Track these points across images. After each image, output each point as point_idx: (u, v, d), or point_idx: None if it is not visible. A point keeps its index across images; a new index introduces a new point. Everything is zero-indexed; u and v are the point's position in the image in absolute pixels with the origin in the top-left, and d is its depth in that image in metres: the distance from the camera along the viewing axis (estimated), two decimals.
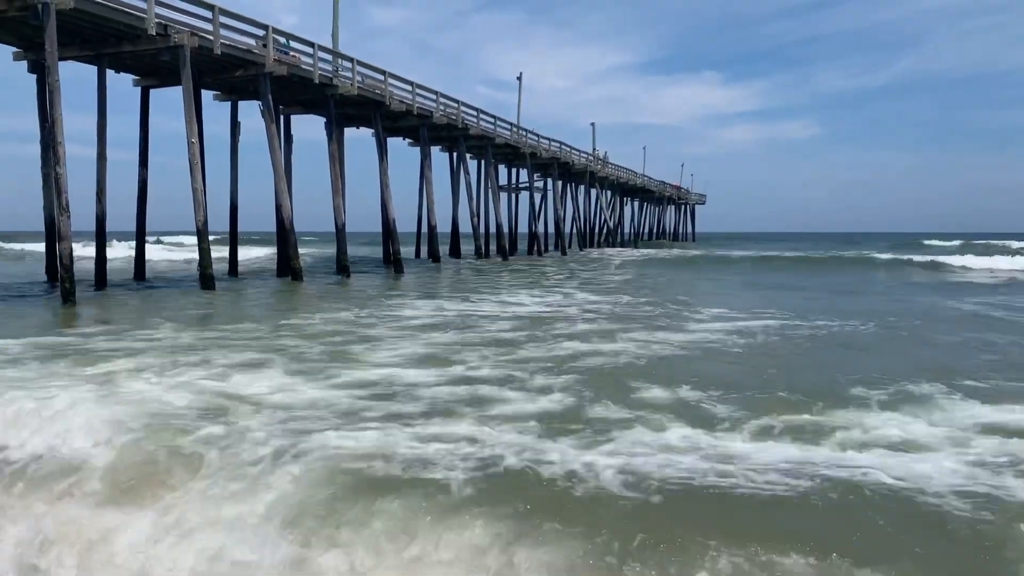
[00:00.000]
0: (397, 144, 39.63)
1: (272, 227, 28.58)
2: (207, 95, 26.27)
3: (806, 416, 7.02)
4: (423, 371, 9.11)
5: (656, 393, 7.95)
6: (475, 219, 39.77)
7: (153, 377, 8.53)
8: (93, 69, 21.15)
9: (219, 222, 26.28)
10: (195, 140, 21.14)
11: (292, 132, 29.92)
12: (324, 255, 43.54)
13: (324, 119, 28.80)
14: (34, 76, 21.24)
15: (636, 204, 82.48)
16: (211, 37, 20.70)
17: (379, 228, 35.27)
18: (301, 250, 26.83)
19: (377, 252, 43.19)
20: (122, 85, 24.20)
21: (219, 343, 11.11)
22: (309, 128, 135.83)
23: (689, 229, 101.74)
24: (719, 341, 11.88)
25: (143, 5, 18.94)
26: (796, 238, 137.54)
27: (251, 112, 28.53)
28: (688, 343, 11.61)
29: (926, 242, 75.79)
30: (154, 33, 19.08)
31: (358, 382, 8.42)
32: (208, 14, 20.61)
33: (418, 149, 37.02)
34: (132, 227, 24.77)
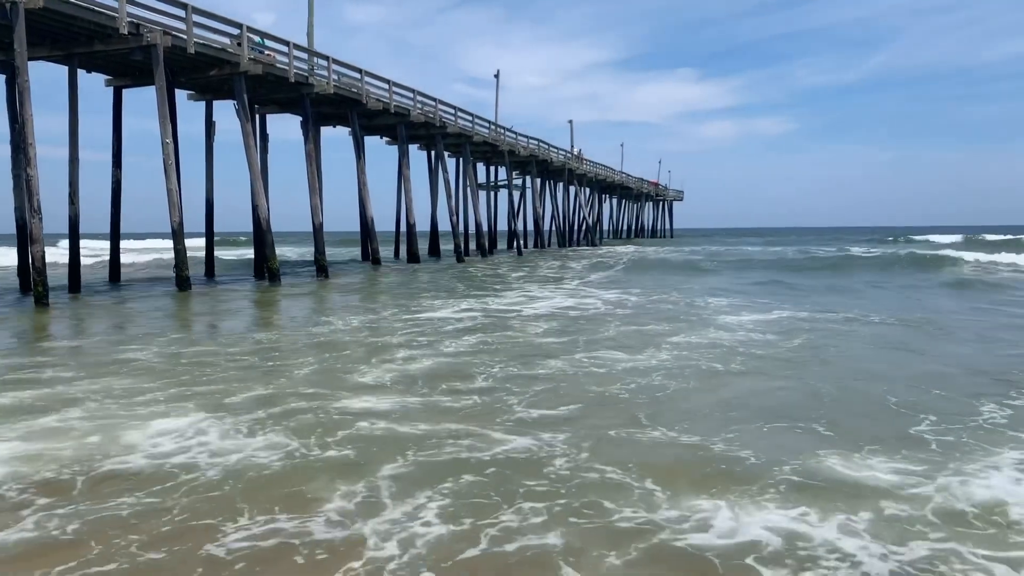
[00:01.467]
0: (374, 143, 39.50)
1: (248, 227, 28.40)
2: (181, 95, 26.03)
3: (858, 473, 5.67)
4: (383, 400, 8.00)
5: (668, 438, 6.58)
6: (454, 217, 39.69)
7: (54, 418, 7.31)
8: (64, 69, 20.87)
9: (194, 223, 26.06)
10: (169, 140, 20.93)
11: (268, 131, 29.77)
12: (303, 255, 43.28)
13: (300, 118, 28.63)
14: (3, 76, 20.91)
15: (614, 201, 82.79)
16: (184, 36, 20.49)
17: (356, 227, 35.17)
18: (278, 250, 26.65)
19: (353, 251, 43.04)
20: (94, 85, 23.92)
21: (186, 365, 10.12)
22: (286, 127, 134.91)
23: (667, 226, 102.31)
24: (753, 343, 11.62)
25: (114, 4, 18.70)
26: (775, 233, 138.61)
27: (226, 111, 28.40)
28: (720, 347, 11.28)
29: (932, 238, 75.80)
30: (126, 32, 18.86)
31: (296, 428, 6.90)
32: (181, 13, 20.39)
33: (396, 148, 36.92)
34: (106, 228, 24.52)
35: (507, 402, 7.99)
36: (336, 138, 62.36)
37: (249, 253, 35.71)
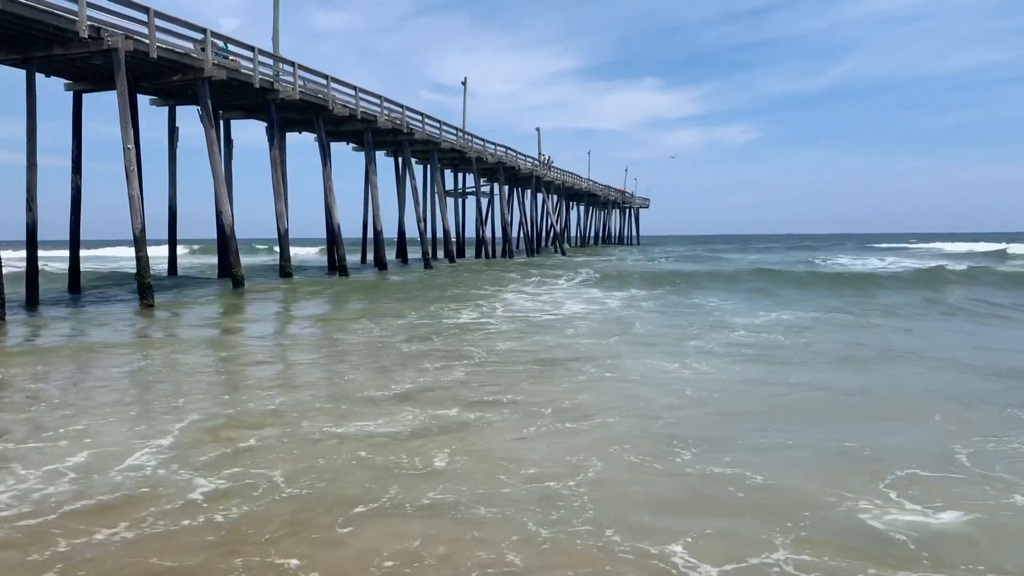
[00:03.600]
0: (341, 149, 39.20)
1: (212, 234, 27.99)
2: (143, 100, 25.63)
3: None
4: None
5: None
6: (422, 224, 39.51)
7: None
8: (22, 73, 20.39)
9: (157, 230, 25.62)
10: (131, 146, 20.52)
11: (232, 137, 29.42)
12: (267, 261, 42.79)
13: (265, 124, 28.32)
14: None
15: (581, 208, 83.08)
16: (147, 40, 20.15)
17: (322, 234, 34.85)
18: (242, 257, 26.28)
19: (320, 259, 42.58)
20: (54, 89, 23.43)
21: (142, 384, 9.68)
22: (251, 133, 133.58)
23: (633, 232, 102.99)
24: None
25: (74, 7, 18.32)
26: (742, 240, 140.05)
27: (190, 117, 28.01)
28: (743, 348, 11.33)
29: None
30: (86, 36, 18.48)
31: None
32: (143, 16, 20.05)
33: (363, 154, 36.68)
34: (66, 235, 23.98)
35: (522, 431, 7.19)
36: (302, 144, 61.97)
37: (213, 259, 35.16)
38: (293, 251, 29.36)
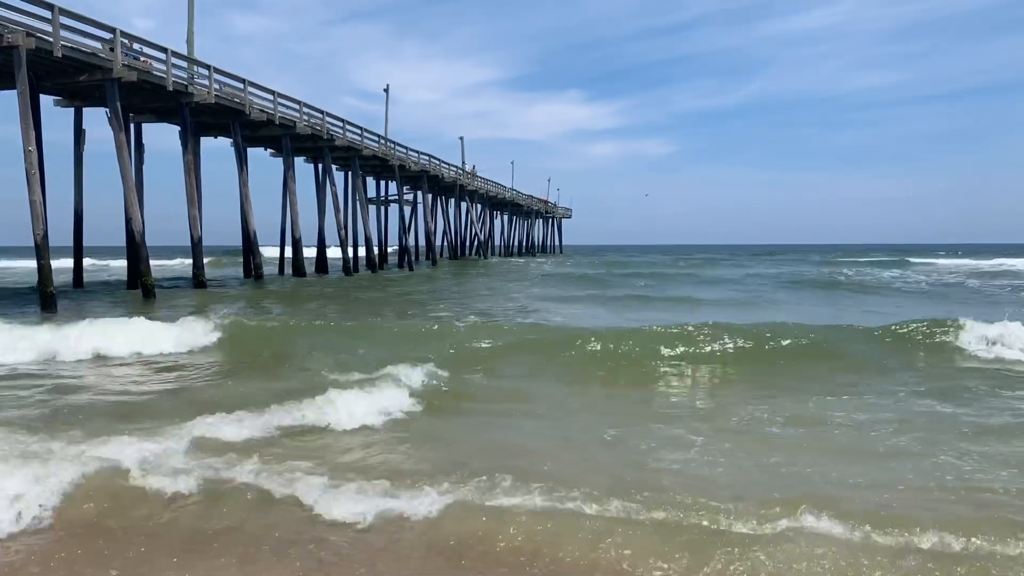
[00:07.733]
0: (259, 155, 38.34)
1: (123, 241, 26.96)
2: (47, 100, 24.54)
3: None
4: None
5: None
6: (343, 232, 38.90)
7: None
8: None
9: (62, 236, 24.52)
10: (32, 148, 19.61)
11: (144, 141, 28.45)
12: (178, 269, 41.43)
13: (179, 128, 27.49)
14: None
15: (505, 218, 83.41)
16: (50, 38, 19.32)
17: (238, 242, 34.01)
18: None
19: (236, 269, 41.45)
20: None
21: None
22: (165, 137, 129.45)
23: (556, 242, 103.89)
24: None
25: None
26: (665, 250, 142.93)
27: (100, 119, 27.04)
28: None
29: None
30: None
31: None
32: (47, 14, 19.22)
33: (281, 160, 35.93)
34: None
35: None
36: (218, 149, 60.41)
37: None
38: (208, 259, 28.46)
